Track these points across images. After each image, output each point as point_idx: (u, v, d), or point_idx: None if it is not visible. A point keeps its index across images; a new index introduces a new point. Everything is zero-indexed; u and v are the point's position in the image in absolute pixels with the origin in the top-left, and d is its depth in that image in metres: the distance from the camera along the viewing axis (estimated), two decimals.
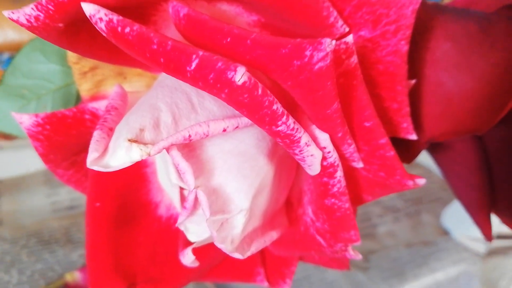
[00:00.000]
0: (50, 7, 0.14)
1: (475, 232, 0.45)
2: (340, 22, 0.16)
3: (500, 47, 0.19)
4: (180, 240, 0.18)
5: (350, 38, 0.16)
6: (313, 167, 0.15)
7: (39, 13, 0.14)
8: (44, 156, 0.20)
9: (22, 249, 0.35)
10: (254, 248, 0.16)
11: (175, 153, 0.15)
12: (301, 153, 0.15)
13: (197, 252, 0.18)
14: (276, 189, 0.18)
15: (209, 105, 0.16)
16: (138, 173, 0.21)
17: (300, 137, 0.14)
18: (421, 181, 0.17)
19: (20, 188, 0.39)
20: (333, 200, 0.16)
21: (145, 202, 0.20)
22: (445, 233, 0.42)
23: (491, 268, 0.47)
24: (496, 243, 0.46)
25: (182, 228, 0.17)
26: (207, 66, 0.13)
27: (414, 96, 0.20)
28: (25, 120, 0.19)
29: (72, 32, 0.16)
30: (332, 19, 0.16)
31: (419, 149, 0.20)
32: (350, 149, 0.16)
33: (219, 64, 0.13)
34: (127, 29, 0.14)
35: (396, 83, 0.17)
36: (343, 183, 0.16)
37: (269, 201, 0.17)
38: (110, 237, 0.19)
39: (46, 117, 0.19)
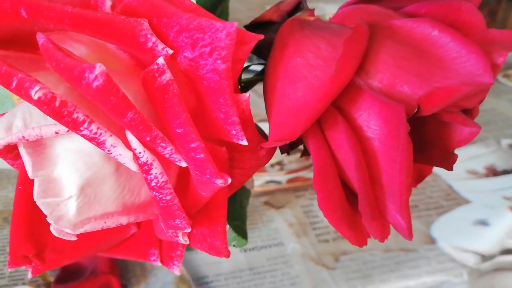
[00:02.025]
0: None
1: (466, 243, 0.43)
2: (161, 45, 0.19)
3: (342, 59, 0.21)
4: None
5: (160, 60, 0.19)
6: (127, 164, 0.19)
7: None
8: None
9: None
10: (89, 227, 0.20)
11: (21, 149, 0.19)
12: (110, 153, 0.19)
13: None
14: (130, 182, 0.22)
15: None
16: None
17: (104, 140, 0.18)
18: (230, 180, 0.19)
19: None
20: (154, 192, 0.20)
21: None
22: (431, 242, 0.41)
23: (504, 284, 0.44)
24: (502, 258, 0.43)
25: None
26: (20, 85, 0.18)
27: (269, 108, 0.23)
28: None
29: None
30: (150, 44, 0.19)
31: (270, 154, 0.22)
32: (166, 151, 0.19)
33: (27, 84, 0.17)
34: None
35: (218, 96, 0.20)
36: (162, 178, 0.19)
37: (121, 191, 0.21)
38: (27, 213, 0.25)
39: None
